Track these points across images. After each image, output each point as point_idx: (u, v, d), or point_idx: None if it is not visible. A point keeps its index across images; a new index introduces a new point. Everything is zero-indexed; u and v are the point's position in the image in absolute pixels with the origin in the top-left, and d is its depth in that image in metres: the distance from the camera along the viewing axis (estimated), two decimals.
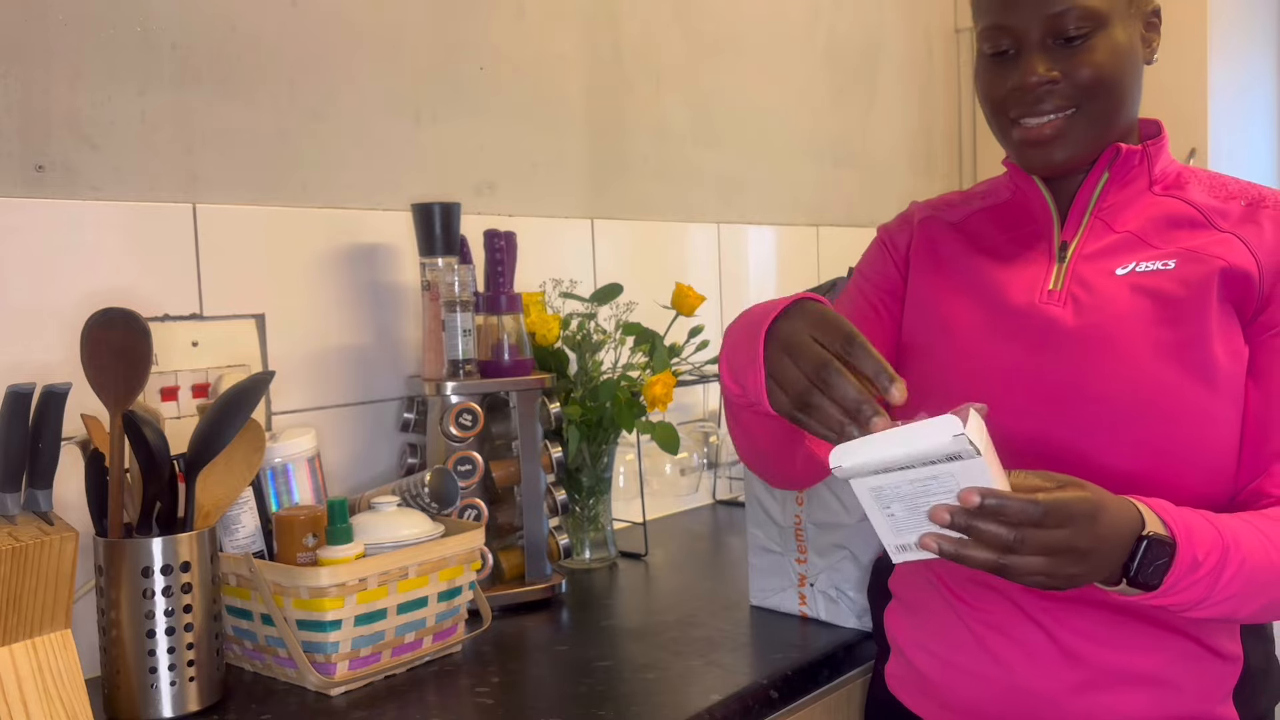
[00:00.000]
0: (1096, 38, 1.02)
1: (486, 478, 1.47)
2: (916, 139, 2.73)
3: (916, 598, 1.15)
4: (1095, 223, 1.08)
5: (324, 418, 1.50)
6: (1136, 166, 1.08)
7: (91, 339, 1.09)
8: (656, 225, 2.03)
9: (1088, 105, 1.04)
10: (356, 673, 1.19)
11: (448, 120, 1.68)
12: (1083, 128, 1.04)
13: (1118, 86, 1.04)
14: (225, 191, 1.41)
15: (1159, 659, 1.01)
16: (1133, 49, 1.05)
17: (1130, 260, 1.04)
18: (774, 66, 2.30)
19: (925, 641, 1.13)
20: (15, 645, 1.02)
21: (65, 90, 1.27)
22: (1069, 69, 1.03)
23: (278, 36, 1.47)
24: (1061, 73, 1.03)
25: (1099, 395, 1.00)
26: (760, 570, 1.44)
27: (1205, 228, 1.04)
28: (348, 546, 1.20)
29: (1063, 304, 1.05)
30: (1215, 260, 1.01)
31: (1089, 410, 1.01)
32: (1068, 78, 1.03)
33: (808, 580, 1.38)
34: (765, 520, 1.43)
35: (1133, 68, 1.05)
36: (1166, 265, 1.02)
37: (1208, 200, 1.07)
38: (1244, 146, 2.80)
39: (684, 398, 2.02)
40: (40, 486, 1.06)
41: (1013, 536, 0.82)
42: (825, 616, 1.36)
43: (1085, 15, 1.01)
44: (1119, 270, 1.04)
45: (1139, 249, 1.05)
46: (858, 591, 1.33)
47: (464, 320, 1.46)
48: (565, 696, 1.16)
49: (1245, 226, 1.03)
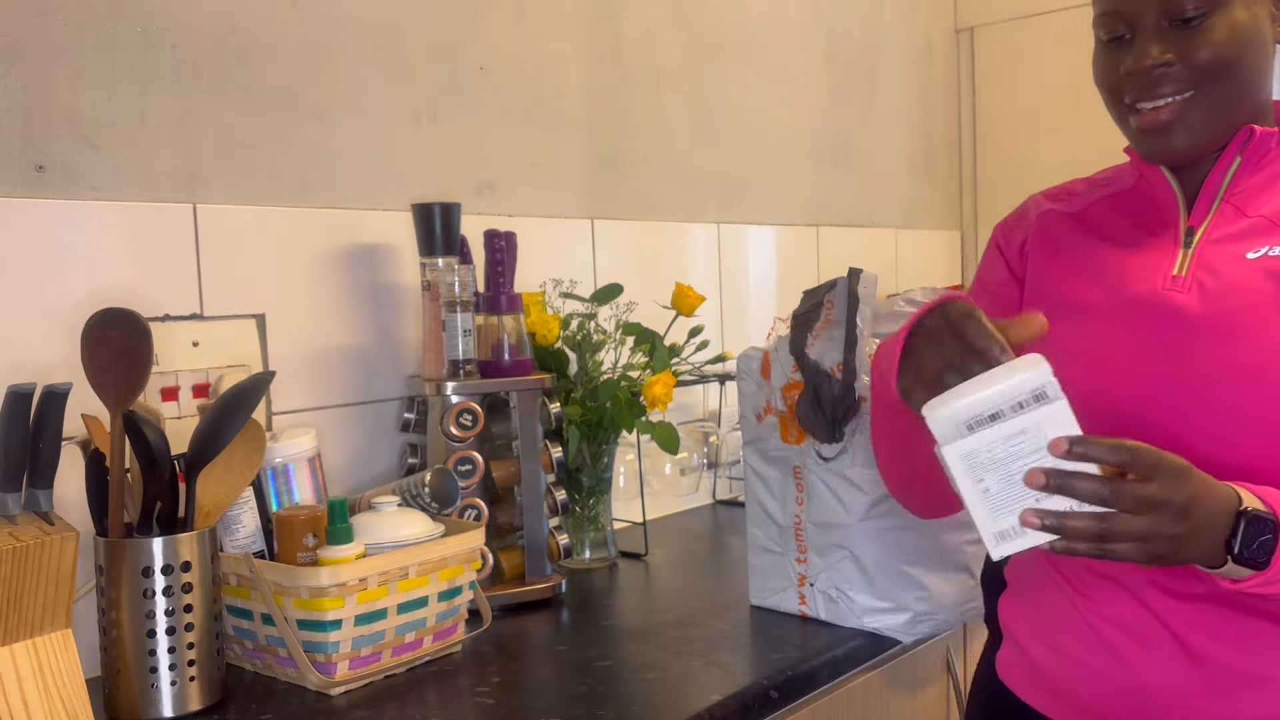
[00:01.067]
0: (1215, 18, 0.98)
1: (486, 478, 1.47)
2: (916, 139, 2.73)
3: (1033, 588, 1.12)
4: (1226, 208, 1.04)
5: (324, 418, 1.50)
6: (1274, 149, 1.03)
7: (92, 339, 1.09)
8: (656, 225, 2.03)
9: (1207, 88, 0.99)
10: (357, 672, 1.19)
11: (448, 120, 1.68)
12: (1203, 112, 1.00)
13: (1239, 68, 1.00)
14: (225, 191, 1.41)
15: None
16: (1258, 29, 1.00)
17: (1264, 244, 0.99)
18: (774, 66, 2.30)
19: (1042, 633, 1.09)
20: (16, 645, 1.02)
21: (66, 90, 1.27)
22: (1185, 51, 0.99)
23: (278, 36, 1.47)
24: (1177, 54, 0.99)
25: (1219, 383, 0.97)
26: (760, 570, 1.44)
27: None
28: (348, 546, 1.20)
29: (1187, 290, 1.01)
30: None
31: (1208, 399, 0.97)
32: (1184, 60, 0.99)
33: (808, 580, 1.38)
34: (765, 520, 1.43)
35: (1258, 48, 1.01)
36: None
37: None
38: None
39: (684, 398, 2.02)
40: (41, 486, 1.06)
41: (1106, 490, 0.83)
42: (825, 616, 1.36)
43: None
44: (1250, 254, 1.00)
45: (1274, 233, 1.00)
46: (858, 591, 1.33)
47: (464, 320, 1.46)
48: (565, 696, 1.16)
49: None
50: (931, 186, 2.78)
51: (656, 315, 1.72)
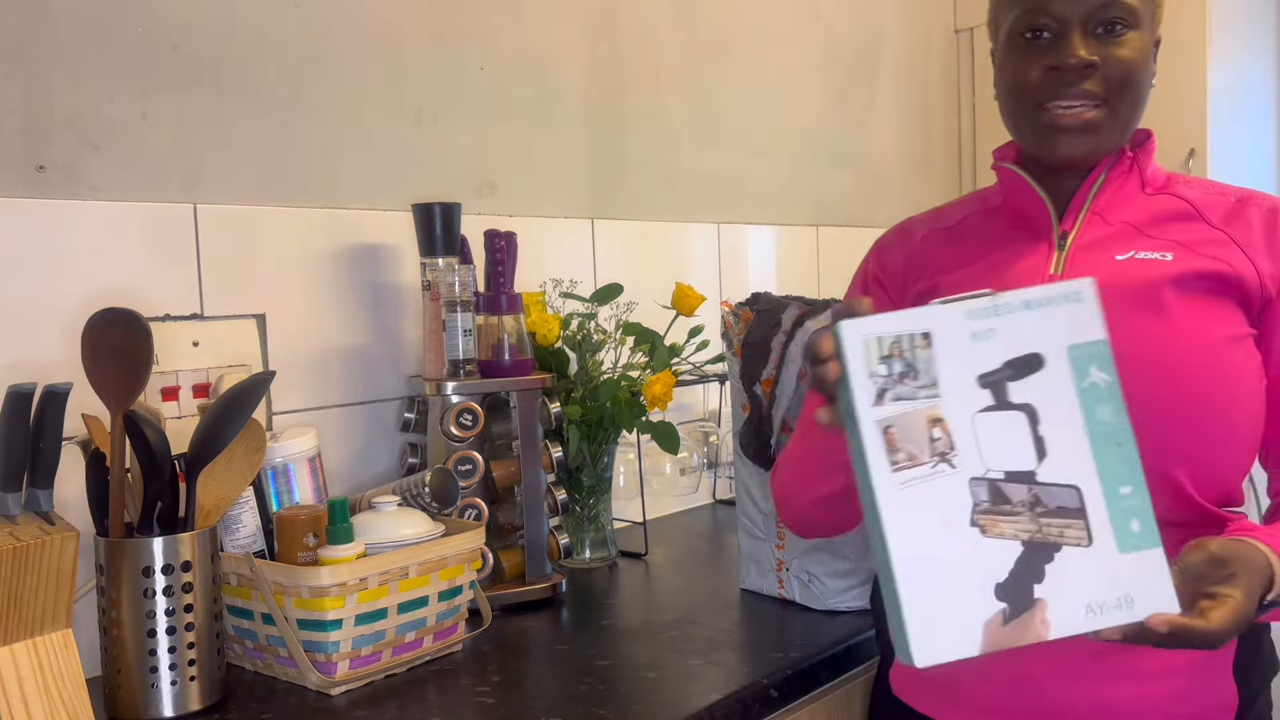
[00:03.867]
0: (1131, 35, 1.06)
1: (487, 477, 1.47)
2: (916, 139, 2.73)
3: None
4: (1092, 217, 1.11)
5: (324, 418, 1.50)
6: (1128, 170, 1.11)
7: (92, 339, 1.09)
8: (656, 225, 2.04)
9: (1115, 102, 1.06)
10: (357, 672, 1.19)
11: (448, 120, 1.68)
12: (1108, 125, 1.07)
13: (1140, 88, 1.07)
14: (226, 191, 1.41)
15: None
16: (1151, 60, 1.09)
17: (1129, 249, 1.06)
18: (774, 66, 2.30)
19: None
20: (16, 645, 1.02)
21: (66, 91, 1.27)
22: (1105, 58, 1.05)
23: (278, 36, 1.47)
24: (1099, 59, 1.05)
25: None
26: (746, 555, 1.50)
27: (1196, 220, 1.07)
28: (348, 546, 1.21)
29: None
30: (1212, 260, 1.03)
31: None
32: (1104, 66, 1.05)
33: (784, 565, 1.43)
34: (751, 508, 1.49)
35: (1149, 77, 1.09)
36: (1165, 256, 1.04)
37: (1198, 196, 1.10)
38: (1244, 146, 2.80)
39: (684, 398, 2.02)
40: (41, 486, 1.06)
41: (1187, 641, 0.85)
42: (800, 599, 1.42)
43: (1127, 9, 1.05)
44: (1118, 256, 1.06)
45: (1136, 239, 1.07)
46: (829, 576, 1.39)
47: (464, 320, 1.46)
48: (565, 696, 1.16)
49: (1234, 224, 1.06)
50: (931, 187, 2.78)
51: (656, 315, 1.72)
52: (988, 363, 0.80)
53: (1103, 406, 0.80)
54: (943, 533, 0.78)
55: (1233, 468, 1.04)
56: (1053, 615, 0.78)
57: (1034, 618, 0.78)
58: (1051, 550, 0.79)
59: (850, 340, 0.79)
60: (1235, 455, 1.03)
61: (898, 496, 0.78)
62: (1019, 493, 0.79)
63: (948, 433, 0.79)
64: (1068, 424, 0.80)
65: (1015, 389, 0.80)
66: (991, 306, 0.80)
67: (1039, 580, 0.78)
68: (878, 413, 0.78)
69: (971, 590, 0.78)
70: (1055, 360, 0.80)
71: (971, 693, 1.09)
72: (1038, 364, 0.81)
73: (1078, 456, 0.80)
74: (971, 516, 0.79)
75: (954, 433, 0.79)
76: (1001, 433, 0.79)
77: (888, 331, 0.79)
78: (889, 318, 0.80)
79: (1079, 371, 0.80)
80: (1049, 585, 0.78)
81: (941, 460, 0.79)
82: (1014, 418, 0.80)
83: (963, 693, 1.10)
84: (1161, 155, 1.15)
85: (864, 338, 0.79)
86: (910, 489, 0.78)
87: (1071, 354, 0.80)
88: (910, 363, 0.79)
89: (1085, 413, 0.80)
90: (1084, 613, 0.78)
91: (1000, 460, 0.79)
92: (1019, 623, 0.78)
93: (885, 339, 0.79)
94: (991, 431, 0.79)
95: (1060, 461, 0.79)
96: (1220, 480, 1.03)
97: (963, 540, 0.78)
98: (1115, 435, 0.80)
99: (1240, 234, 1.05)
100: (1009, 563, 0.78)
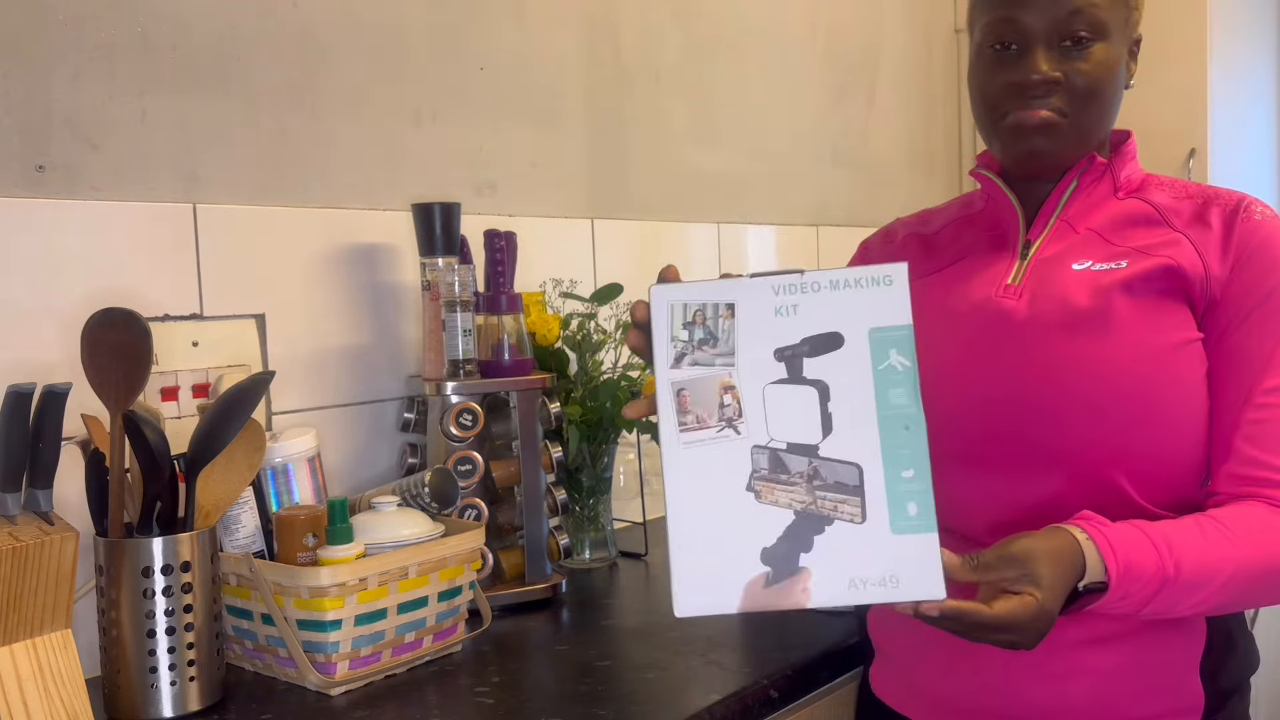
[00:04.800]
0: (1097, 46, 1.06)
1: (486, 478, 1.47)
2: (916, 139, 2.73)
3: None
4: (1060, 225, 1.12)
5: (324, 418, 1.50)
6: (1100, 177, 1.12)
7: (92, 339, 1.09)
8: (656, 225, 2.03)
9: (1076, 115, 1.07)
10: (357, 672, 1.19)
11: (448, 120, 1.68)
12: (1068, 131, 1.07)
13: (1106, 99, 1.08)
14: (225, 191, 1.41)
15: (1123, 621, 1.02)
16: (1122, 67, 1.09)
17: (1087, 258, 1.07)
18: (774, 66, 2.30)
19: (907, 638, 1.14)
20: (16, 645, 1.02)
21: (66, 90, 1.27)
22: (1069, 72, 1.05)
23: (278, 36, 1.47)
24: (1062, 75, 1.05)
25: (1048, 384, 1.02)
26: None
27: (1160, 224, 1.08)
28: (348, 546, 1.21)
29: (1018, 297, 1.08)
30: (1163, 259, 1.04)
31: (1040, 399, 1.03)
32: (1066, 81, 1.05)
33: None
34: None
35: (1119, 85, 1.09)
36: (1119, 265, 1.05)
37: (1166, 200, 1.10)
38: (1244, 146, 2.80)
39: None
40: (41, 486, 1.06)
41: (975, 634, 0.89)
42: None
43: (1093, 22, 1.05)
44: (1075, 266, 1.07)
45: (1097, 247, 1.08)
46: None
47: (464, 320, 1.46)
48: (565, 696, 1.16)
49: (1195, 226, 1.07)
50: (931, 187, 2.78)
51: None
52: (788, 337, 0.83)
53: (897, 390, 0.82)
54: (718, 494, 0.82)
55: (1180, 472, 1.03)
56: (814, 584, 0.81)
57: (795, 584, 0.81)
58: (823, 523, 0.81)
59: (658, 304, 0.85)
60: (1183, 461, 1.03)
61: (681, 456, 0.82)
62: (799, 464, 0.82)
63: (738, 400, 0.82)
64: (858, 404, 0.82)
65: (811, 365, 0.82)
66: (799, 283, 0.83)
67: (806, 550, 0.81)
68: (674, 375, 0.83)
69: (737, 551, 0.81)
70: (855, 340, 0.82)
71: (937, 693, 1.11)
72: (837, 343, 0.83)
73: (864, 436, 0.82)
74: (749, 481, 0.82)
75: (744, 401, 0.82)
76: (790, 405, 0.82)
77: (693, 299, 0.84)
78: (698, 286, 0.84)
79: (878, 354, 0.82)
80: (815, 555, 0.81)
81: (728, 426, 0.82)
82: (805, 392, 0.82)
83: (930, 693, 1.12)
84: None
85: (670, 303, 0.84)
86: (694, 449, 0.82)
87: (872, 336, 0.82)
88: (712, 330, 0.83)
89: (878, 394, 0.82)
90: (846, 585, 0.81)
91: (785, 432, 0.82)
92: (780, 587, 0.81)
93: (690, 306, 0.84)
94: (780, 403, 0.82)
95: (845, 439, 0.82)
96: (1168, 485, 1.02)
97: (736, 503, 0.82)
98: (905, 419, 0.81)
99: (1199, 235, 1.05)
100: (779, 530, 0.82)
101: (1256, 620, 2.11)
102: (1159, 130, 2.61)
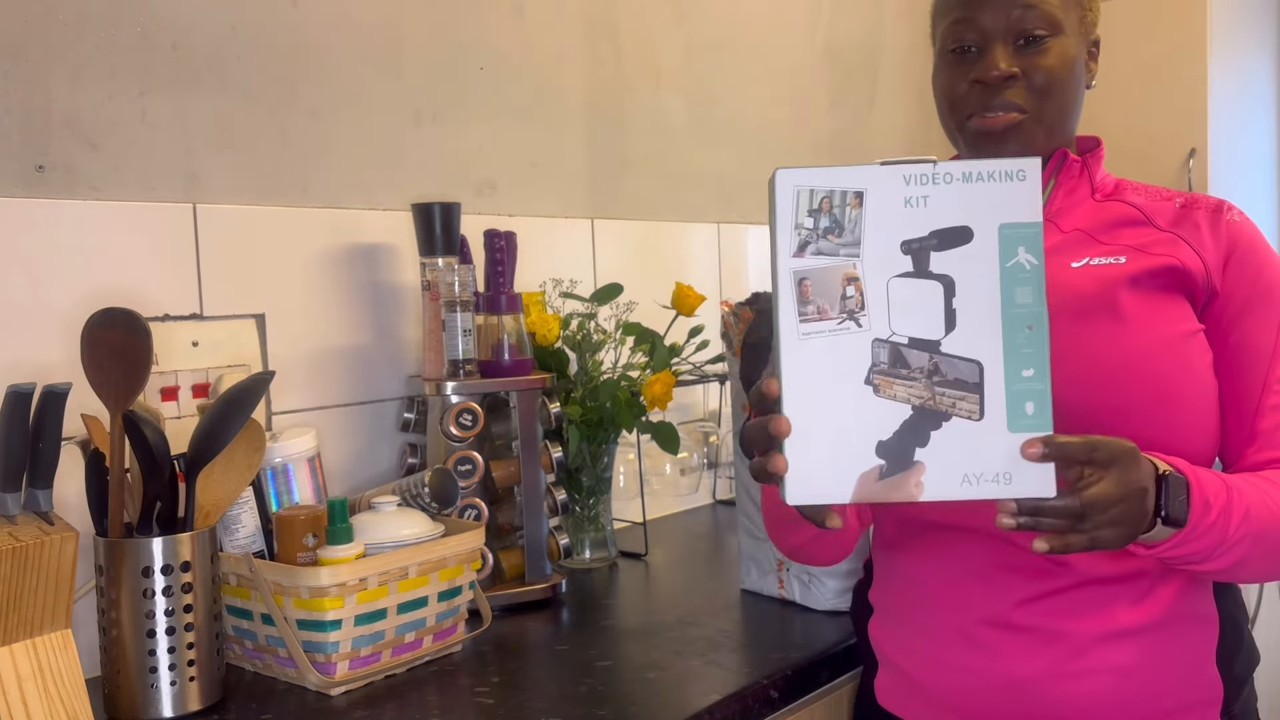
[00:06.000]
0: (1053, 43, 1.09)
1: (486, 478, 1.47)
2: (916, 139, 2.73)
3: (898, 605, 1.16)
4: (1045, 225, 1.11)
5: (324, 418, 1.50)
6: (1078, 176, 1.14)
7: (91, 339, 1.09)
8: (656, 225, 2.03)
9: (1037, 110, 1.09)
10: (357, 672, 1.19)
11: (448, 120, 1.68)
12: (1031, 128, 1.10)
13: (1065, 94, 1.10)
14: (225, 191, 1.41)
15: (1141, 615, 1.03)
16: (1080, 65, 1.12)
17: (1084, 255, 1.09)
18: (774, 66, 2.30)
19: (915, 647, 1.13)
20: (15, 645, 1.02)
21: (66, 90, 1.27)
22: (1027, 68, 1.09)
23: (278, 36, 1.47)
24: (1021, 70, 1.08)
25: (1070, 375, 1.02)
26: (746, 555, 1.49)
27: (1145, 225, 1.10)
28: (348, 546, 1.20)
29: None
30: (1163, 257, 1.06)
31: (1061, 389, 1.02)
32: (1025, 76, 1.09)
33: (785, 566, 1.43)
34: (751, 508, 1.48)
35: (1078, 82, 1.12)
36: (1118, 260, 1.07)
37: (1143, 201, 1.13)
38: (1244, 146, 2.80)
39: (684, 398, 2.02)
40: (40, 486, 1.06)
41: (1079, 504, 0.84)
42: (800, 599, 1.42)
43: (1047, 19, 1.08)
44: (1074, 264, 1.08)
45: (1090, 245, 1.10)
46: (829, 577, 1.38)
47: (464, 320, 1.46)
48: (565, 696, 1.16)
49: (1183, 226, 1.09)
50: None
51: (656, 315, 1.72)
52: (915, 229, 0.81)
53: (1023, 289, 0.81)
54: (836, 385, 0.81)
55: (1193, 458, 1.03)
56: (929, 479, 0.80)
57: (909, 479, 0.81)
58: (940, 419, 0.81)
59: (783, 189, 0.83)
60: (1195, 447, 1.04)
61: (800, 346, 0.81)
62: (920, 359, 0.81)
63: (861, 292, 0.81)
64: (983, 301, 0.81)
65: (938, 259, 0.81)
66: (930, 173, 0.82)
67: (922, 444, 0.80)
68: (796, 263, 0.82)
69: (854, 443, 0.80)
70: (984, 236, 0.81)
71: (951, 698, 1.10)
72: (966, 237, 0.81)
73: (986, 334, 0.81)
74: (868, 375, 0.81)
75: (867, 293, 0.81)
76: (914, 299, 0.81)
77: (821, 185, 0.82)
78: (826, 172, 0.83)
79: (1006, 251, 0.81)
80: (931, 450, 0.80)
81: (850, 318, 0.81)
82: (930, 286, 0.81)
83: (944, 698, 1.10)
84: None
85: (796, 188, 0.83)
86: (813, 340, 0.81)
87: (1002, 232, 0.81)
88: (838, 219, 0.82)
89: (1004, 292, 0.81)
90: (959, 481, 0.80)
91: (907, 326, 0.81)
92: (894, 480, 0.81)
93: (818, 192, 0.82)
94: (904, 297, 0.81)
95: (967, 336, 0.81)
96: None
97: (854, 395, 0.81)
98: (1030, 318, 0.81)
99: (1188, 233, 1.08)
100: (895, 424, 0.81)
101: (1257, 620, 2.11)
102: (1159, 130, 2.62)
